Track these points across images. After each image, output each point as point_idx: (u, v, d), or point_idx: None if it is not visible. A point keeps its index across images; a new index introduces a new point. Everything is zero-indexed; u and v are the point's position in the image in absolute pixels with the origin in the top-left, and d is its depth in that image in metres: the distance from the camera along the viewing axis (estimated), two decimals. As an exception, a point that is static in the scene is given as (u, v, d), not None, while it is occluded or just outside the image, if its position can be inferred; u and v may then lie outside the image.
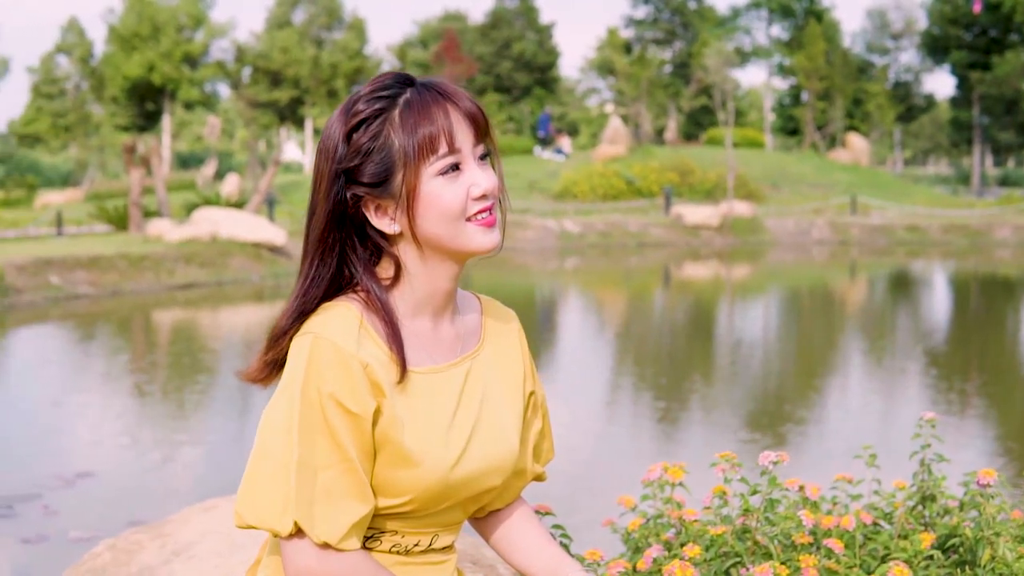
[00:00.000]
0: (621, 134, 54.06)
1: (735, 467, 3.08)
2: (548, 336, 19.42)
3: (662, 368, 15.91)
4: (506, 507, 2.66)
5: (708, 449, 10.63)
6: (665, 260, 34.11)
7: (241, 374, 2.48)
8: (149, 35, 75.13)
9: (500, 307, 2.65)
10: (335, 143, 2.31)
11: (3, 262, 22.33)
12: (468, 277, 28.22)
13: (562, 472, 10.19)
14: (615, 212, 42.38)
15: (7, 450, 11.28)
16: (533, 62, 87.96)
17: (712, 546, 3.02)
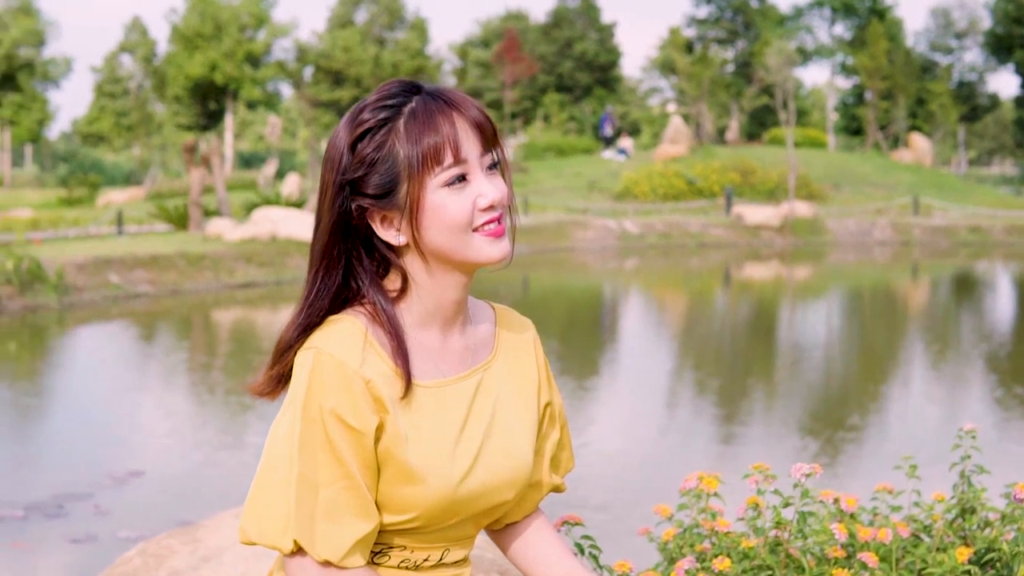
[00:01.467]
0: (682, 134, 53.87)
1: (768, 478, 3.03)
2: (607, 337, 19.35)
3: (721, 371, 15.81)
4: (523, 519, 2.60)
5: (760, 455, 10.55)
6: (725, 261, 33.95)
7: (248, 387, 2.45)
8: (211, 35, 75.49)
9: (515, 316, 2.59)
10: (340, 153, 2.26)
11: (63, 261, 22.48)
12: (525, 277, 28.22)
13: (614, 476, 10.14)
14: (675, 212, 42.25)
15: (62, 448, 11.34)
16: (594, 62, 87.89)
17: (744, 559, 2.96)
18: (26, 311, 20.70)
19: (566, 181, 50.18)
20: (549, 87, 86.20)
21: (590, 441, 11.34)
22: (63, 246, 26.24)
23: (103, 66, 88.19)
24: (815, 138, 62.80)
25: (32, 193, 55.52)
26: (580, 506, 8.90)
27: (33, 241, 26.28)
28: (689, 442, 11.45)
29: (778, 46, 57.68)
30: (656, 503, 3.32)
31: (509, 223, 2.33)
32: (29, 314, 20.52)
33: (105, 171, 65.05)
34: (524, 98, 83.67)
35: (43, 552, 7.94)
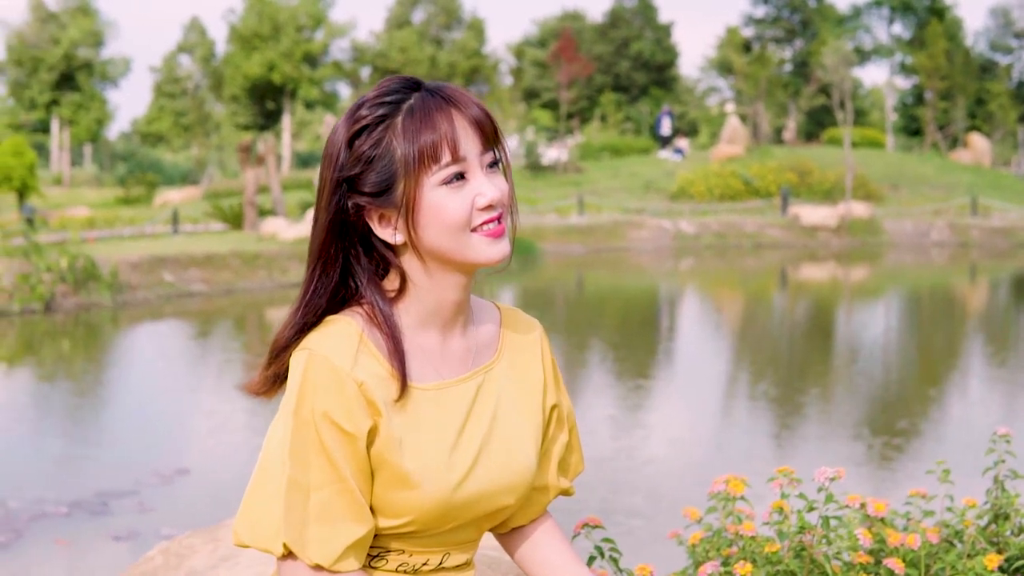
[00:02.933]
0: (739, 134, 53.68)
1: (793, 482, 2.97)
2: (663, 338, 19.28)
3: (776, 373, 15.70)
4: (530, 523, 2.55)
5: (812, 459, 10.47)
6: (781, 261, 33.79)
7: (244, 387, 2.41)
8: (269, 35, 75.77)
9: (522, 317, 2.54)
10: (338, 150, 2.23)
11: (118, 259, 22.62)
12: (580, 277, 28.18)
13: (661, 477, 10.08)
14: (731, 213, 42.06)
15: (110, 446, 11.40)
16: (651, 61, 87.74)
17: (768, 563, 2.91)
18: (80, 309, 20.85)
19: (622, 181, 50.08)
20: (606, 87, 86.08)
21: (638, 444, 11.29)
22: (118, 245, 26.42)
23: (162, 66, 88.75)
24: (873, 138, 62.40)
25: (90, 192, 55.92)
26: (617, 511, 8.86)
27: (88, 240, 26.44)
28: (740, 445, 11.37)
29: (835, 45, 57.40)
30: (697, 506, 3.27)
31: (510, 223, 2.29)
32: (83, 312, 20.65)
33: (163, 170, 65.44)
34: (581, 98, 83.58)
35: (84, 549, 7.97)
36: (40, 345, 18.14)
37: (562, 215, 39.87)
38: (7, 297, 20.45)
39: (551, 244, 34.70)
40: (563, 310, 23.53)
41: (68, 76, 74.92)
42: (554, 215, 39.83)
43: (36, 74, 74.22)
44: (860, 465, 10.37)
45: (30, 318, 19.96)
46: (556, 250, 34.53)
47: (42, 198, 40.52)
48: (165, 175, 63.95)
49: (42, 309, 20.50)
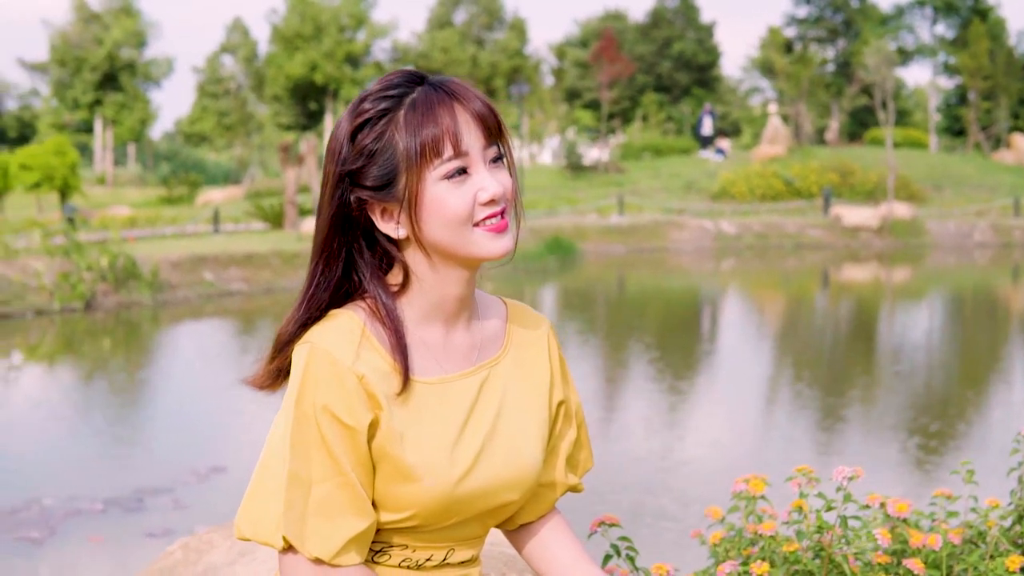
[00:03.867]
0: (781, 134, 53.48)
1: (812, 481, 2.95)
2: (704, 338, 19.22)
3: (817, 374, 15.61)
4: (538, 520, 2.54)
5: (853, 460, 10.41)
6: (823, 262, 33.63)
7: (247, 380, 2.41)
8: (311, 35, 76.02)
9: (529, 313, 2.53)
10: (340, 144, 2.23)
11: (159, 258, 22.72)
12: (620, 277, 28.13)
13: (700, 476, 10.04)
14: (773, 213, 41.89)
15: (147, 444, 11.45)
16: (693, 61, 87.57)
17: (786, 563, 2.88)
18: (120, 308, 20.94)
19: (663, 182, 50.00)
20: (647, 87, 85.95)
21: (673, 445, 11.25)
22: (159, 244, 26.54)
23: (205, 66, 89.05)
24: (916, 139, 62.12)
25: (133, 192, 56.21)
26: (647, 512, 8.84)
27: (128, 239, 26.55)
28: (777, 446, 11.32)
29: (877, 45, 57.03)
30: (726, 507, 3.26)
31: (513, 218, 2.27)
32: (123, 311, 20.75)
33: (206, 170, 65.74)
34: (622, 98, 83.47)
35: (117, 546, 7.99)
36: (80, 343, 18.24)
37: (603, 215, 39.81)
38: (48, 295, 20.55)
39: (591, 244, 34.66)
40: (603, 310, 23.50)
41: (111, 76, 75.28)
42: (595, 215, 39.77)
43: (79, 74, 74.61)
44: (899, 466, 10.32)
45: (70, 316, 20.06)
46: (597, 250, 34.48)
47: (84, 197, 40.75)
48: (208, 175, 64.22)
49: (82, 307, 20.60)
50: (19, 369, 16.38)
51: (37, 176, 33.95)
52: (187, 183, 49.05)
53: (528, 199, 44.60)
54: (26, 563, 7.70)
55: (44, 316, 20.01)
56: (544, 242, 32.29)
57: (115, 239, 25.15)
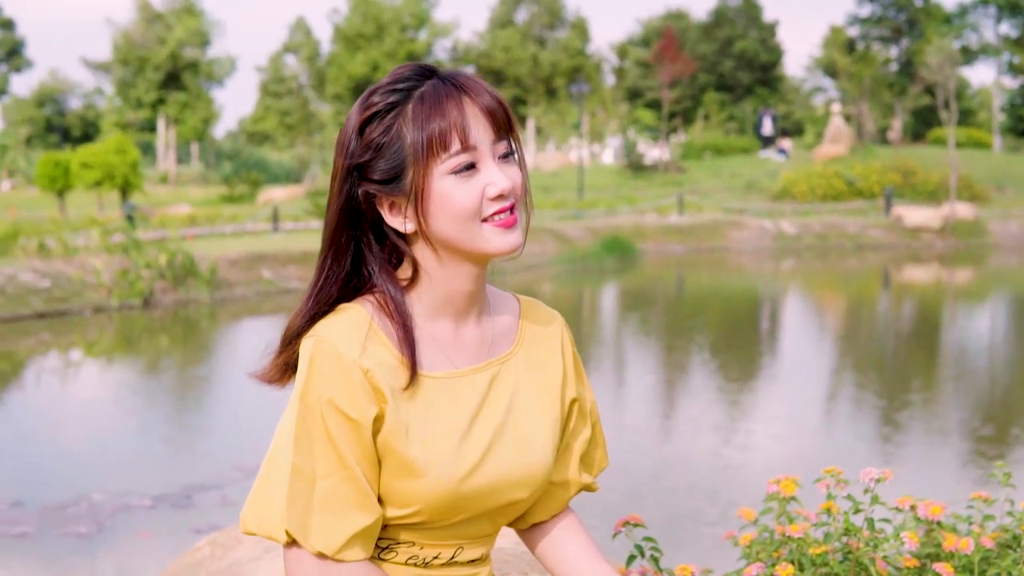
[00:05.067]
0: (843, 134, 53.26)
1: (840, 483, 2.90)
2: (765, 339, 19.12)
3: (877, 376, 15.47)
4: (551, 519, 2.50)
5: (910, 463, 10.33)
6: (884, 263, 33.41)
7: (255, 375, 2.38)
8: (373, 34, 76.30)
9: (542, 309, 2.49)
10: (349, 137, 2.20)
11: (217, 256, 22.84)
12: (680, 277, 28.03)
13: (750, 478, 9.97)
14: (833, 213, 41.68)
15: (199, 440, 11.50)
16: (755, 61, 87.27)
17: (813, 565, 2.83)
18: (178, 305, 21.07)
19: (724, 181, 49.92)
20: (709, 86, 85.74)
21: (724, 446, 11.18)
22: (218, 242, 26.67)
23: (268, 66, 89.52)
24: (980, 139, 61.68)
25: (195, 190, 56.60)
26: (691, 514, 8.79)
27: (187, 237, 26.72)
28: (832, 449, 11.21)
29: (939, 44, 56.61)
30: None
31: (523, 214, 2.24)
32: (181, 308, 20.87)
33: (268, 169, 66.12)
34: (684, 97, 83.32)
35: (164, 542, 8.00)
36: (137, 340, 18.36)
37: (662, 215, 39.73)
38: (106, 293, 20.70)
39: (651, 244, 34.60)
40: (662, 310, 23.42)
41: (174, 75, 75.81)
42: (654, 215, 39.70)
43: (143, 73, 75.19)
44: (958, 469, 10.23)
45: (128, 314, 20.19)
46: (656, 250, 34.42)
47: (145, 196, 41.03)
48: (270, 174, 64.60)
49: (141, 305, 20.73)
50: (76, 366, 16.51)
51: (98, 174, 34.17)
52: (248, 182, 49.30)
53: (587, 199, 44.60)
54: (73, 558, 7.74)
55: (102, 313, 20.15)
56: (602, 241, 32.26)
57: (174, 237, 25.33)
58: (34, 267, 20.81)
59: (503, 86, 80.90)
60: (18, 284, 20.07)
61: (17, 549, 7.92)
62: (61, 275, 20.73)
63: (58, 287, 20.44)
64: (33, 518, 8.49)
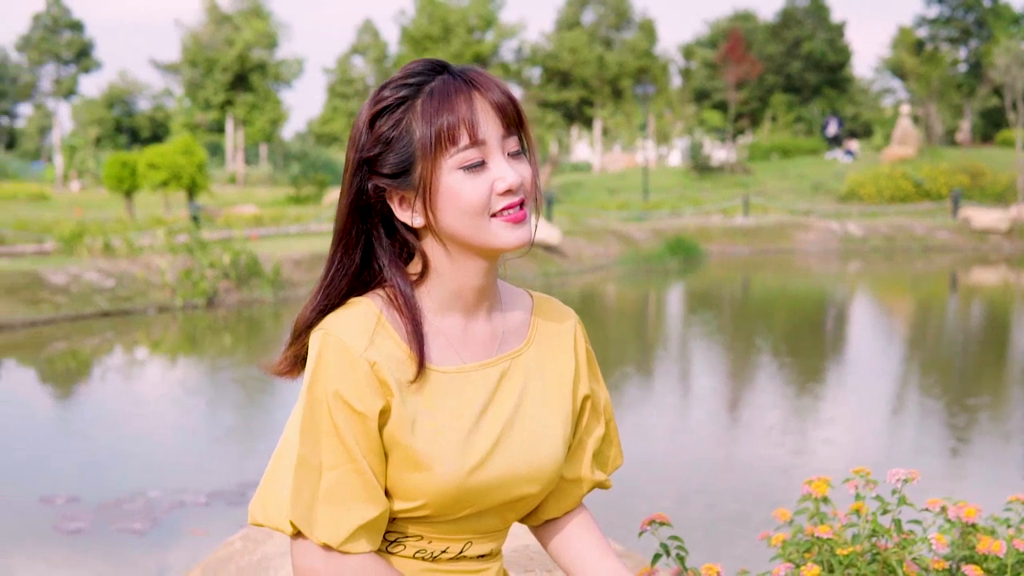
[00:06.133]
0: (911, 135, 52.87)
1: (869, 483, 2.88)
2: (831, 341, 18.99)
3: (944, 380, 15.31)
4: (564, 515, 2.49)
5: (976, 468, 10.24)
6: (951, 265, 33.13)
7: (266, 367, 2.40)
8: (440, 36, 76.39)
9: (556, 305, 2.48)
10: (360, 130, 2.21)
11: (281, 256, 22.96)
12: (745, 278, 27.90)
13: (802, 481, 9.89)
14: (900, 215, 41.39)
15: (257, 438, 11.55)
16: (823, 62, 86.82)
17: (840, 566, 2.81)
18: (242, 305, 21.20)
19: (790, 182, 49.71)
20: (777, 87, 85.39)
21: (781, 449, 11.12)
22: (283, 242, 26.82)
23: (336, 67, 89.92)
24: (1049, 140, 61.03)
25: (263, 191, 56.91)
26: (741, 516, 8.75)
27: (252, 237, 26.87)
28: (900, 451, 11.12)
29: (1007, 45, 56.07)
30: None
31: (532, 210, 2.23)
32: (245, 308, 20.99)
33: (336, 170, 66.28)
34: (751, 99, 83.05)
35: (217, 539, 8.03)
36: (200, 339, 18.48)
37: (728, 216, 39.60)
38: (170, 292, 20.86)
39: (715, 245, 34.52)
40: (728, 312, 23.33)
41: (242, 77, 76.24)
42: (719, 216, 39.58)
43: (211, 75, 75.66)
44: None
45: (192, 313, 20.34)
46: (720, 251, 34.33)
47: (212, 196, 41.26)
48: (337, 175, 64.75)
49: (204, 304, 20.88)
50: (139, 364, 16.63)
51: (165, 175, 34.41)
52: (315, 182, 49.47)
53: (652, 200, 44.52)
54: (127, 553, 7.79)
55: (166, 312, 20.31)
56: (667, 243, 32.20)
57: (239, 237, 25.48)
58: (99, 267, 21.00)
59: (570, 88, 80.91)
60: (83, 283, 20.26)
61: (69, 544, 7.99)
62: (126, 274, 20.91)
63: (123, 286, 20.62)
64: (89, 514, 8.57)
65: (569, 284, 26.56)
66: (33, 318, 18.87)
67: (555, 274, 27.65)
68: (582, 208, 40.53)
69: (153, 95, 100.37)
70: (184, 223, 27.34)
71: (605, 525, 4.64)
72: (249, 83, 76.21)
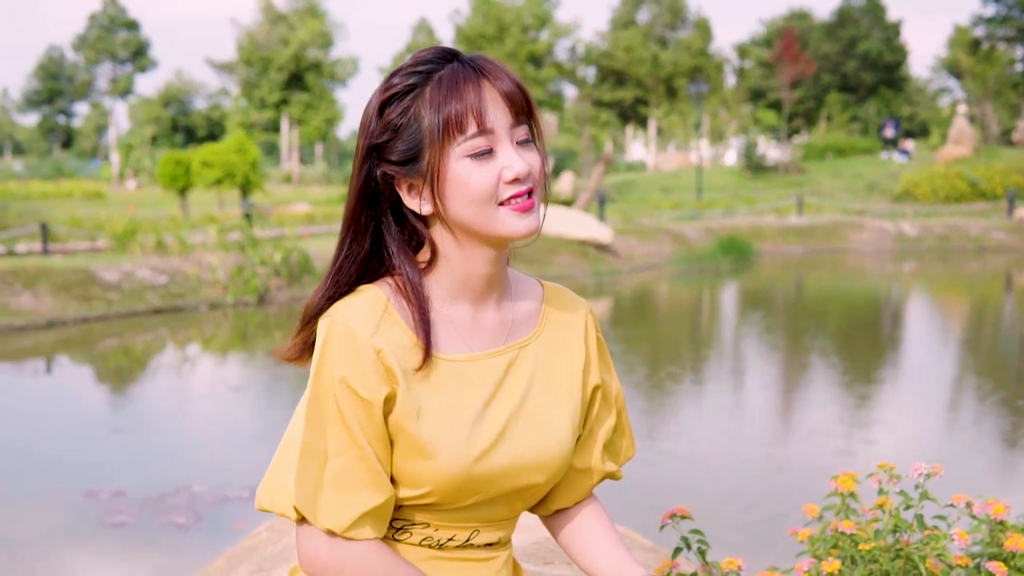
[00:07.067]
0: (966, 135, 52.49)
1: (893, 478, 2.85)
2: (887, 343, 18.88)
3: (999, 382, 15.16)
4: (574, 506, 2.50)
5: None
6: (1007, 266, 32.85)
7: (275, 353, 2.43)
8: (495, 35, 76.49)
9: (568, 295, 2.49)
10: (369, 118, 2.22)
11: (330, 255, 22.99)
12: (799, 278, 27.77)
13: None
14: (955, 215, 41.10)
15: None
16: (879, 61, 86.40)
17: (863, 561, 2.78)
18: (293, 302, 21.28)
19: (845, 182, 49.47)
20: (832, 87, 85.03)
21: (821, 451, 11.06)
22: (334, 240, 26.71)
23: (391, 67, 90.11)
24: (1109, 140, 60.48)
25: (317, 190, 57.06)
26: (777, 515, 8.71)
27: (303, 235, 26.97)
28: (952, 454, 11.03)
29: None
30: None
31: (540, 199, 2.23)
32: (296, 305, 21.07)
33: (387, 169, 66.52)
34: (807, 98, 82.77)
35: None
36: (251, 336, 18.56)
37: (781, 216, 39.44)
38: (222, 289, 20.97)
39: (769, 245, 34.37)
40: (780, 311, 23.23)
41: (297, 76, 76.63)
42: (773, 216, 39.43)
43: (266, 74, 76.10)
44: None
45: (243, 310, 20.43)
46: (774, 251, 34.19)
47: (266, 195, 41.43)
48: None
49: (255, 302, 20.98)
50: (190, 361, 16.72)
51: (218, 173, 34.53)
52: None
53: (706, 199, 44.42)
54: (170, 547, 7.83)
55: (217, 309, 20.42)
56: (719, 242, 32.10)
57: (291, 235, 25.57)
58: (151, 264, 21.14)
59: (624, 87, 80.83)
60: (135, 280, 20.39)
61: (111, 537, 8.04)
62: (178, 272, 21.03)
63: (174, 283, 20.75)
64: (133, 508, 8.62)
65: (620, 283, 26.52)
66: (85, 315, 19.01)
67: (606, 273, 27.61)
68: (635, 207, 40.46)
69: (209, 94, 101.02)
70: (237, 221, 27.47)
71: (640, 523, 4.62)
72: (304, 82, 76.57)
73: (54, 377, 15.49)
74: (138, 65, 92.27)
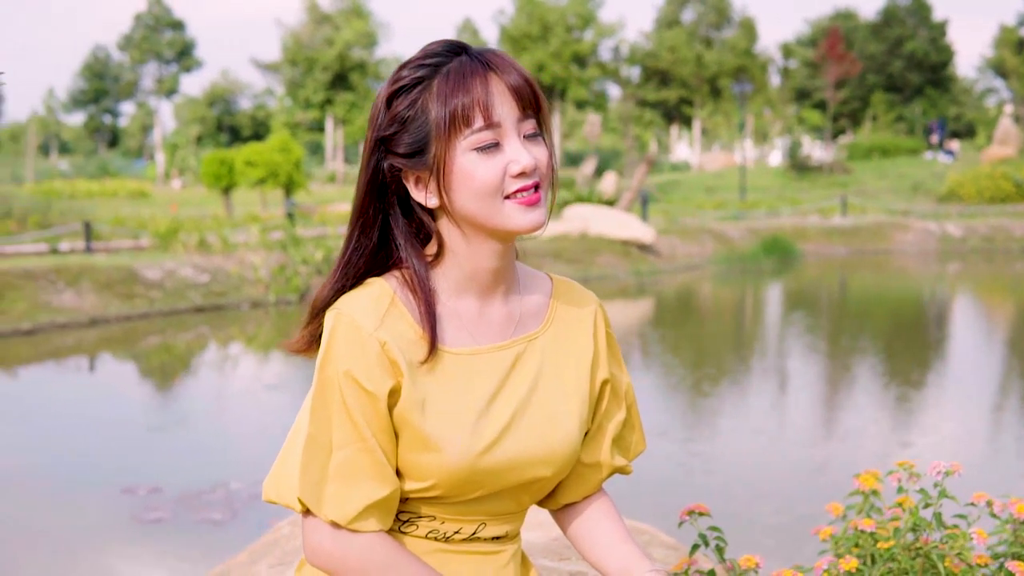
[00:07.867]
0: (1012, 135, 52.21)
1: (913, 476, 2.84)
2: (932, 345, 18.78)
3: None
4: (583, 500, 2.49)
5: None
6: (1052, 267, 32.66)
7: (284, 344, 2.45)
8: (539, 35, 76.41)
9: (577, 290, 2.49)
10: (378, 109, 2.23)
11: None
12: (842, 279, 27.64)
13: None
14: (1001, 216, 40.84)
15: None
16: (925, 61, 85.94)
17: (881, 559, 2.77)
18: (333, 300, 21.32)
19: (890, 182, 49.28)
20: (878, 87, 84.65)
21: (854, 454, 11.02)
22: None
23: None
24: None
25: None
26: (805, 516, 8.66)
27: (343, 235, 27.04)
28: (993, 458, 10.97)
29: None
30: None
31: (547, 193, 2.24)
32: (335, 303, 21.11)
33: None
34: (852, 98, 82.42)
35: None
36: (292, 334, 18.57)
37: (825, 216, 39.29)
38: (264, 288, 21.06)
39: (812, 245, 34.25)
40: (823, 312, 23.14)
41: (342, 76, 76.76)
42: (816, 216, 39.28)
43: (311, 74, 76.27)
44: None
45: (285, 309, 20.52)
46: (817, 251, 34.07)
47: (310, 194, 41.56)
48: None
49: (297, 300, 21.06)
50: (231, 359, 16.81)
51: (262, 172, 34.65)
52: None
53: (750, 199, 44.30)
54: (205, 543, 7.87)
55: (259, 308, 20.51)
56: (762, 242, 32.01)
57: (333, 234, 25.65)
58: (194, 262, 21.25)
59: (668, 87, 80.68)
60: (178, 279, 20.50)
61: (145, 532, 8.10)
62: (220, 270, 21.14)
63: (216, 282, 20.85)
64: (170, 504, 8.68)
65: (662, 283, 26.49)
66: (128, 312, 19.13)
67: (647, 272, 27.58)
68: (678, 207, 40.43)
69: (254, 94, 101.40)
70: (279, 220, 27.57)
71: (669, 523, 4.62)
72: (349, 82, 76.70)
73: (96, 374, 15.60)
74: (183, 65, 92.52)
